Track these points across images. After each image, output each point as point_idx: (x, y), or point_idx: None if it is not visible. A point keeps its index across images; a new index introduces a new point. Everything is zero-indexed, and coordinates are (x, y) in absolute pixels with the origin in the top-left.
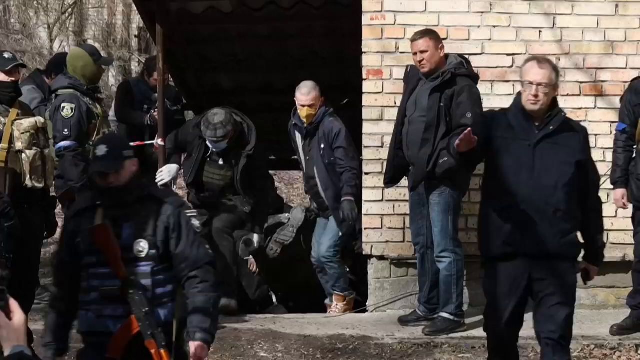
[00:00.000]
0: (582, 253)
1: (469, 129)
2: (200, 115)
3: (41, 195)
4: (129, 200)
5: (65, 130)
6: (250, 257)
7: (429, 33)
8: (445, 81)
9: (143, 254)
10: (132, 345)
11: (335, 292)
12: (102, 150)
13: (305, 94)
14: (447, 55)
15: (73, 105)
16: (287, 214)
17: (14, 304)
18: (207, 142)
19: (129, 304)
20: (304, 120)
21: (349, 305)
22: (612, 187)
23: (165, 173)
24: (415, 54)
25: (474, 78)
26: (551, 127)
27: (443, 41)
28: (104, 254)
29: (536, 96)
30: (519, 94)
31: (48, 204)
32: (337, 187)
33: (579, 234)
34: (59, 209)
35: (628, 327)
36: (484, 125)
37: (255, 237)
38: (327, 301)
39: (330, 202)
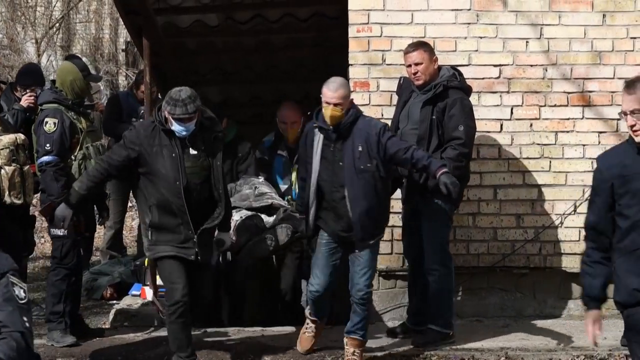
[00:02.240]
0: None
1: None
2: (156, 106)
3: (21, 213)
4: None
5: (47, 145)
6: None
7: (422, 45)
8: (437, 94)
9: None
10: None
11: (356, 336)
12: None
13: (332, 89)
14: (439, 67)
15: (56, 120)
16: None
17: None
18: (173, 127)
19: None
20: (328, 120)
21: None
22: None
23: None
24: (409, 66)
25: (466, 90)
26: None
27: None
28: None
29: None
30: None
31: (27, 222)
32: (368, 201)
33: None
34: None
35: None
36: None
37: (226, 236)
38: (307, 311)
39: (355, 217)
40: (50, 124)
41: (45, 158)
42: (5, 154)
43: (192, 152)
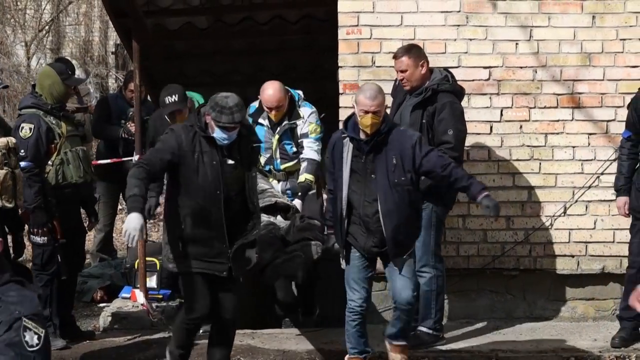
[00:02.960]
0: None
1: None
2: (197, 109)
3: (11, 216)
4: None
5: (22, 151)
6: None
7: (409, 51)
8: (427, 97)
9: None
10: None
11: (403, 342)
12: None
13: (370, 97)
14: (431, 70)
15: (32, 126)
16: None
17: None
18: (215, 134)
19: None
20: (366, 130)
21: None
22: (594, 198)
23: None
24: (397, 71)
25: (458, 93)
26: None
27: None
28: None
29: None
30: None
31: (16, 225)
32: (402, 216)
33: None
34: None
35: (629, 338)
36: None
37: (252, 252)
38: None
39: (388, 234)
40: (25, 130)
41: (20, 164)
42: None
43: (229, 161)
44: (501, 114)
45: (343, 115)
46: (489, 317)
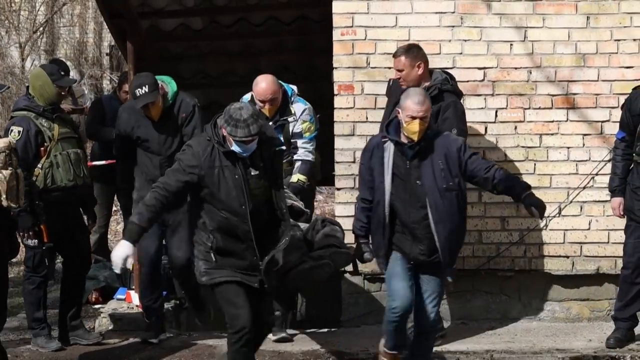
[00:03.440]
0: None
1: None
2: (209, 124)
3: (4, 216)
4: None
5: None
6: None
7: (407, 51)
8: (431, 97)
9: None
10: None
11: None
12: None
13: (419, 102)
14: (431, 71)
15: (20, 129)
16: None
17: None
18: (233, 148)
19: None
20: (413, 136)
21: None
22: (588, 199)
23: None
24: (395, 70)
25: (458, 94)
26: None
27: None
28: None
29: None
30: None
31: (10, 224)
32: (453, 222)
33: None
34: None
35: (624, 338)
36: None
37: (279, 254)
38: (382, 347)
39: (441, 242)
40: (14, 133)
41: None
42: (2, 158)
43: (253, 172)
44: (496, 115)
45: (338, 116)
46: (484, 318)
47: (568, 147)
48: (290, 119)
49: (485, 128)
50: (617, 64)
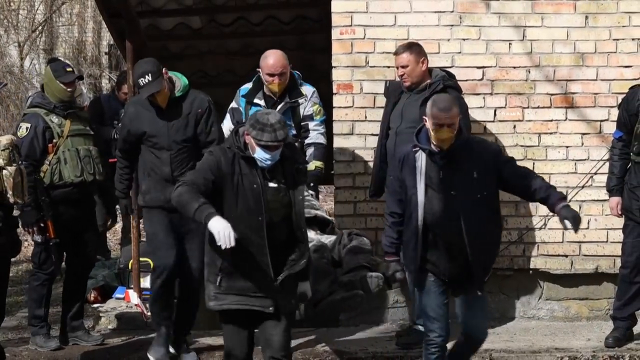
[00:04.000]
0: None
1: None
2: (232, 131)
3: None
4: None
5: None
6: None
7: (410, 48)
8: (436, 92)
9: None
10: None
11: None
12: None
13: (445, 109)
14: (430, 69)
15: (28, 125)
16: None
17: None
18: (256, 154)
19: None
20: (442, 145)
21: None
22: (587, 198)
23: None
24: (397, 67)
25: (460, 91)
26: None
27: None
28: None
29: None
30: None
31: (12, 222)
32: (486, 235)
33: None
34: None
35: (622, 338)
36: None
37: (307, 286)
38: None
39: (474, 256)
40: (22, 129)
41: None
42: (6, 155)
43: (272, 184)
44: (495, 114)
45: (337, 115)
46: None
47: (567, 147)
48: (301, 100)
49: (484, 127)
50: (616, 63)
